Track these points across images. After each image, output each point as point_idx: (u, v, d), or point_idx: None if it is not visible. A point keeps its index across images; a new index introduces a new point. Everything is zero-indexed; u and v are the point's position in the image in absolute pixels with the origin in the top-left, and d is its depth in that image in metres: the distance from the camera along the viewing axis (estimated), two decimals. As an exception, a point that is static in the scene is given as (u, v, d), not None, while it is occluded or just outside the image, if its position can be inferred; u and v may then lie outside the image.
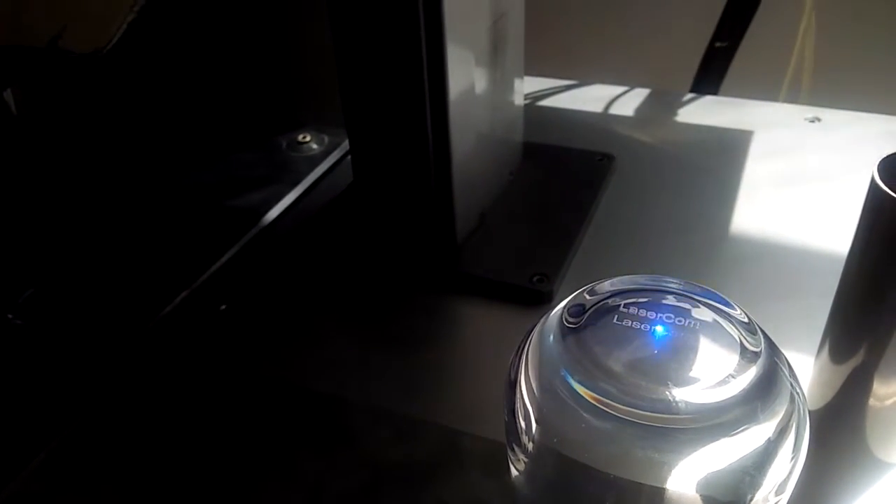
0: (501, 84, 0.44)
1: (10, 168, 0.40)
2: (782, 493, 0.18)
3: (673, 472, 0.17)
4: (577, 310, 0.18)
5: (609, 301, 0.18)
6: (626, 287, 0.19)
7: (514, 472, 0.21)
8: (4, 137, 0.38)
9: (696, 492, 0.17)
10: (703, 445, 0.17)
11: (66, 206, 0.43)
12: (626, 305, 0.18)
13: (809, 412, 0.31)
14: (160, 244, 0.50)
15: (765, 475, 0.17)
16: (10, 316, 0.42)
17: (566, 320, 0.18)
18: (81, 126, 0.59)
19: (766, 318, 0.35)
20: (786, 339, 0.35)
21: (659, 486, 0.17)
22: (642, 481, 0.17)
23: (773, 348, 0.18)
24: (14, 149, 0.39)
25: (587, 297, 0.19)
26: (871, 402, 0.28)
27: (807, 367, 0.32)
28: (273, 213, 0.52)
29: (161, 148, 0.62)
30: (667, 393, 0.17)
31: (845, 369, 0.29)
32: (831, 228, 0.44)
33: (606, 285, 0.19)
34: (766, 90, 0.62)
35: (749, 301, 0.36)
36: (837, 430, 0.30)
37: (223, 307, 0.41)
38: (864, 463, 0.30)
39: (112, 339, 0.41)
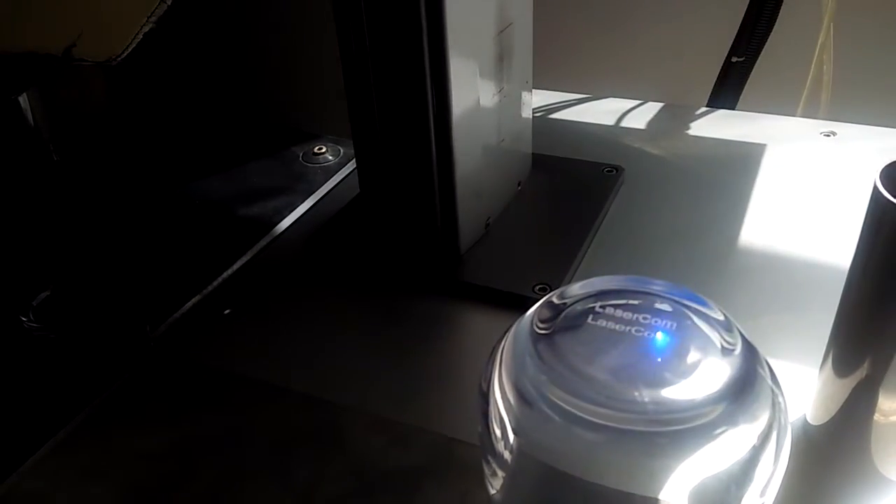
0: (508, 95, 0.44)
1: (25, 172, 0.41)
2: (765, 495, 0.18)
3: (650, 475, 0.17)
4: (547, 314, 0.18)
5: (580, 304, 0.18)
6: (598, 289, 0.18)
7: (489, 482, 0.20)
8: (20, 142, 0.39)
9: (678, 497, 0.17)
10: (683, 448, 0.16)
11: (81, 212, 0.43)
12: (600, 307, 0.18)
13: (814, 427, 0.31)
14: (173, 250, 0.51)
15: (747, 474, 0.17)
16: (24, 318, 0.43)
17: (537, 326, 0.18)
18: (98, 132, 0.60)
19: (772, 331, 0.34)
20: (791, 352, 0.34)
21: (634, 490, 0.17)
22: (618, 487, 0.17)
23: (750, 348, 0.18)
24: (29, 153, 0.40)
25: (556, 300, 0.18)
26: (877, 416, 0.28)
27: (811, 381, 0.31)
28: (285, 222, 0.52)
29: (180, 157, 0.63)
30: (641, 394, 0.17)
31: (849, 383, 0.28)
32: (840, 242, 0.43)
33: (576, 288, 0.19)
34: (784, 106, 0.61)
35: (755, 314, 0.36)
36: (842, 446, 0.30)
37: (227, 311, 0.42)
38: (868, 479, 0.29)
39: (122, 342, 0.42)
